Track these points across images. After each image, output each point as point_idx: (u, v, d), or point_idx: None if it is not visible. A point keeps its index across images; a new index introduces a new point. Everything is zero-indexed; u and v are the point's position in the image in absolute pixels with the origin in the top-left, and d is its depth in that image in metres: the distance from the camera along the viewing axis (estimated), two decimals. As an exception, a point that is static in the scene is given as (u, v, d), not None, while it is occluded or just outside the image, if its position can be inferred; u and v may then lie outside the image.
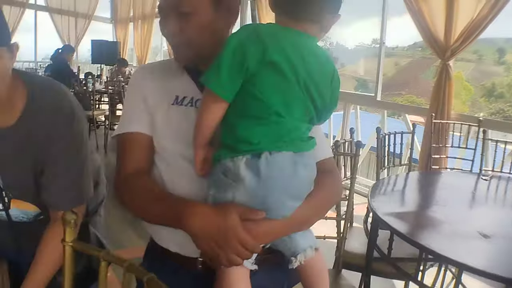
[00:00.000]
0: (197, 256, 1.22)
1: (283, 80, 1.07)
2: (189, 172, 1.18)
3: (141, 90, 1.27)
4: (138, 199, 1.20)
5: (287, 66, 1.06)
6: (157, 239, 1.31)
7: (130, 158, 1.25)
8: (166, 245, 1.28)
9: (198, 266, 1.24)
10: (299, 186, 1.11)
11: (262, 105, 1.06)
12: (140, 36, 11.11)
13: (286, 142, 1.07)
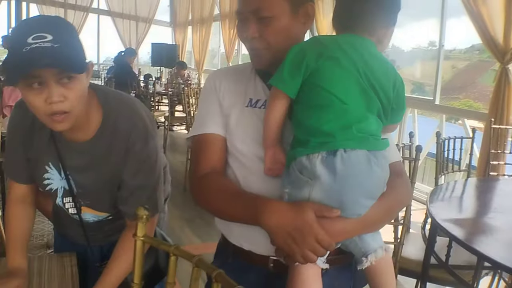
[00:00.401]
0: (270, 254, 1.25)
1: (343, 72, 1.12)
2: (263, 172, 1.21)
3: (216, 93, 1.32)
4: (215, 198, 1.24)
5: (347, 60, 1.12)
6: (230, 237, 1.34)
7: (206, 158, 1.29)
8: (238, 243, 1.32)
9: (269, 264, 1.26)
10: (374, 185, 1.13)
11: (324, 92, 1.11)
12: (198, 39, 11.30)
13: (360, 137, 1.10)
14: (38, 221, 4.19)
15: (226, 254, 1.37)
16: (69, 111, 1.22)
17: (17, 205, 1.53)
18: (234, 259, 1.34)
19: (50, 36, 1.14)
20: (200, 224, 4.36)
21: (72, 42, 1.20)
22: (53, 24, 1.20)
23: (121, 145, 1.37)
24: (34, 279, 1.47)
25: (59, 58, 1.14)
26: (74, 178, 1.45)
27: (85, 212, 1.52)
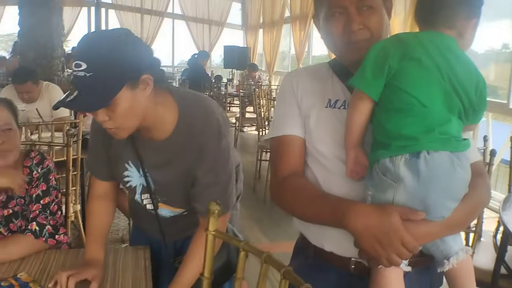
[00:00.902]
0: (351, 256, 1.23)
1: (426, 73, 1.08)
2: (344, 173, 1.19)
3: (294, 94, 1.31)
4: (297, 200, 1.24)
5: (429, 61, 1.08)
6: (310, 238, 1.33)
7: (286, 160, 1.29)
8: (319, 244, 1.30)
9: (351, 266, 1.24)
10: (457, 186, 1.10)
11: (406, 96, 1.07)
12: (269, 41, 11.37)
13: (442, 139, 1.06)
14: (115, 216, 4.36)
15: (306, 254, 1.35)
16: (115, 127, 1.29)
17: (98, 201, 1.60)
18: (315, 259, 1.32)
19: (85, 65, 1.18)
20: (268, 224, 4.38)
21: (107, 67, 1.20)
22: (92, 48, 1.22)
23: (195, 143, 1.39)
24: (109, 270, 1.53)
25: (84, 94, 1.19)
26: (151, 176, 1.49)
27: (162, 208, 1.56)
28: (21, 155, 1.73)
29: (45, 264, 1.56)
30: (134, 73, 1.24)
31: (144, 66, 1.26)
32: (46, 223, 1.66)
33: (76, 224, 3.31)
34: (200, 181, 1.43)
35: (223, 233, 1.15)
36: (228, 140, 1.43)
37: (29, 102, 3.98)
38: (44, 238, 1.64)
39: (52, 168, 1.77)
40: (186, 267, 1.42)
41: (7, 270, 1.51)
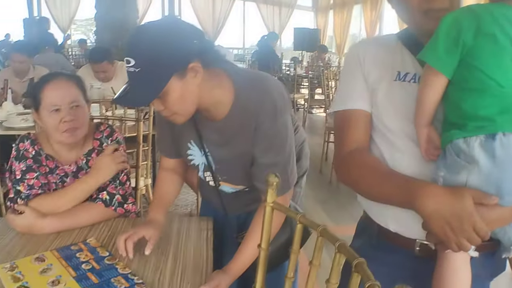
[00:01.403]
0: (417, 238, 1.19)
1: (501, 51, 1.00)
2: (412, 151, 1.15)
3: (360, 66, 1.24)
4: (363, 177, 1.20)
5: (504, 37, 1.00)
6: (374, 217, 1.30)
7: (351, 135, 1.25)
8: (384, 223, 1.27)
9: (416, 248, 1.20)
10: None
11: (482, 75, 1.00)
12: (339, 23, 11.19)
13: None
14: (183, 191, 4.49)
15: (369, 233, 1.32)
16: (171, 114, 1.33)
17: (166, 172, 1.66)
18: (378, 239, 1.29)
19: (133, 61, 1.21)
20: (333, 206, 4.35)
21: (153, 61, 1.21)
22: (138, 44, 1.24)
23: (250, 123, 1.39)
24: (173, 237, 1.59)
25: (134, 90, 1.24)
26: (212, 155, 1.52)
27: (223, 185, 1.59)
28: (92, 128, 1.81)
29: (113, 231, 1.64)
30: (181, 63, 1.25)
31: (192, 53, 1.26)
32: (115, 193, 1.73)
33: (147, 197, 3.45)
34: (259, 160, 1.43)
35: (280, 205, 1.15)
36: (286, 119, 1.41)
37: (105, 81, 4.14)
38: (114, 207, 1.72)
39: (121, 140, 1.84)
40: (246, 245, 1.44)
41: (78, 236, 1.60)
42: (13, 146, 1.74)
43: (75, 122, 1.67)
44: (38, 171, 1.69)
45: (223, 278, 1.36)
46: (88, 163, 1.78)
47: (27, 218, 1.59)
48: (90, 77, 4.08)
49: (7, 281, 1.30)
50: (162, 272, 1.37)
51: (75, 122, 1.67)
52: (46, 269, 1.36)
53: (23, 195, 1.64)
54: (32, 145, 1.73)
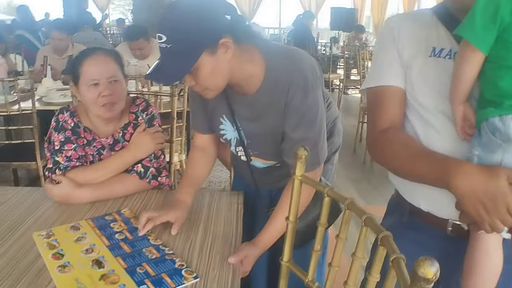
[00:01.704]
0: (449, 218, 1.18)
1: None
2: (447, 128, 1.13)
3: (395, 41, 1.22)
4: (396, 155, 1.18)
5: None
6: (406, 195, 1.29)
7: (385, 112, 1.23)
8: (416, 202, 1.25)
9: (448, 228, 1.18)
10: None
11: None
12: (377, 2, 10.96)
13: None
14: (217, 169, 4.54)
15: (400, 212, 1.31)
16: (203, 89, 1.34)
17: (197, 151, 1.67)
18: (410, 218, 1.28)
19: (165, 37, 1.21)
20: (366, 187, 4.32)
21: (184, 37, 1.22)
22: (169, 20, 1.24)
23: (281, 99, 1.39)
24: (204, 210, 1.61)
25: (166, 65, 1.25)
26: (244, 130, 1.52)
27: (255, 160, 1.60)
28: (128, 102, 1.84)
29: (146, 202, 1.68)
30: (211, 39, 1.25)
31: (223, 29, 1.26)
32: (150, 166, 1.77)
33: (181, 172, 3.50)
34: (289, 136, 1.43)
35: (309, 178, 1.15)
36: (317, 94, 1.40)
37: (141, 59, 4.20)
38: (148, 179, 1.75)
39: (156, 114, 1.87)
40: (275, 218, 1.45)
41: (112, 206, 1.64)
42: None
43: (113, 97, 1.70)
44: (76, 143, 1.74)
45: (252, 249, 1.38)
46: (125, 136, 1.81)
47: (64, 188, 1.64)
48: (127, 55, 4.14)
49: (42, 248, 1.35)
50: (192, 243, 1.39)
51: (113, 97, 1.69)
52: (81, 238, 1.41)
53: (61, 166, 1.69)
54: (71, 117, 1.77)
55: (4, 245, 1.36)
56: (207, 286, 1.18)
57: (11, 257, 1.30)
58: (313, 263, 1.17)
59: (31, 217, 1.55)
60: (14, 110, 3.30)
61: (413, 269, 0.68)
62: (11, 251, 1.33)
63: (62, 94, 3.50)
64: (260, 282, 1.79)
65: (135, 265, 1.26)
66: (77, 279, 1.19)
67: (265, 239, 1.43)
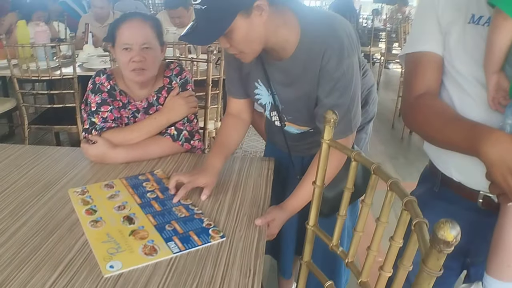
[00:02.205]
0: (481, 189, 1.16)
1: None
2: (483, 97, 1.10)
3: (434, 7, 1.19)
4: (429, 121, 1.16)
5: None
6: (439, 165, 1.28)
7: (421, 78, 1.21)
8: (448, 172, 1.24)
9: (478, 200, 1.17)
10: None
11: None
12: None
13: None
14: (253, 138, 4.57)
15: (433, 181, 1.30)
16: (238, 52, 1.34)
17: (231, 117, 1.68)
18: (441, 188, 1.27)
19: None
20: (402, 162, 4.27)
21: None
22: None
23: (315, 64, 1.37)
24: (234, 174, 1.63)
25: (200, 27, 1.26)
26: (278, 94, 1.52)
27: (288, 126, 1.60)
28: (162, 67, 1.86)
29: (179, 164, 1.71)
30: (246, 1, 1.23)
31: None
32: (183, 129, 1.79)
33: (216, 140, 3.53)
34: (322, 102, 1.41)
35: (337, 143, 1.15)
36: (352, 60, 1.37)
37: (180, 27, 4.21)
38: (181, 142, 1.78)
39: (190, 79, 1.88)
40: (303, 182, 1.45)
41: (145, 167, 1.68)
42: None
43: (143, 63, 1.71)
44: (112, 105, 1.78)
45: (279, 213, 1.39)
46: (159, 100, 1.84)
47: (100, 147, 1.68)
48: (166, 23, 4.16)
49: (77, 203, 1.39)
50: (221, 204, 1.42)
51: (143, 63, 1.71)
52: (114, 195, 1.45)
53: (97, 127, 1.73)
54: (108, 79, 1.80)
55: (40, 200, 1.42)
56: (233, 245, 1.20)
57: (46, 211, 1.35)
58: (338, 227, 1.17)
59: (67, 175, 1.60)
60: (56, 75, 3.40)
61: (433, 231, 0.67)
62: (47, 206, 1.39)
63: (102, 60, 3.56)
64: (288, 247, 1.81)
65: (164, 223, 1.29)
66: (108, 233, 1.23)
67: (292, 203, 1.44)
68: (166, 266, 1.10)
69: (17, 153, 1.80)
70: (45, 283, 1.03)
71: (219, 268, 1.10)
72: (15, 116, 4.61)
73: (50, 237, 1.22)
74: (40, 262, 1.11)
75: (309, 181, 1.36)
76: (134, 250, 1.16)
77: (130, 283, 1.04)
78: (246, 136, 4.78)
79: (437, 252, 0.68)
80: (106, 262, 1.11)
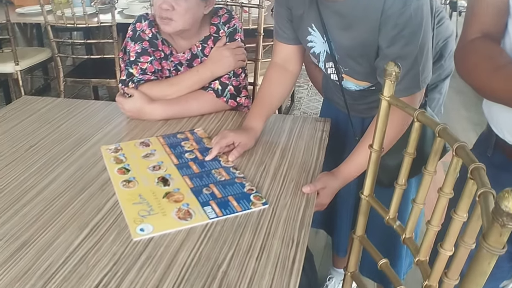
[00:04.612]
0: None
1: None
2: None
3: None
4: (476, 66, 1.13)
5: None
6: (493, 125, 1.26)
7: (479, 18, 1.18)
8: (501, 134, 1.23)
9: None
10: None
11: None
12: None
13: None
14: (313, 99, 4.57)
15: (486, 145, 1.29)
16: None
17: (276, 68, 1.69)
18: (494, 152, 1.26)
19: None
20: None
21: None
22: None
23: (376, 6, 1.34)
24: (284, 135, 1.65)
25: None
26: (334, 41, 1.50)
27: (346, 80, 1.59)
28: (210, 13, 1.87)
29: (222, 123, 1.75)
30: None
31: None
32: (228, 83, 1.82)
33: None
34: (384, 52, 1.39)
35: (399, 100, 1.13)
36: (421, 3, 1.33)
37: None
38: (225, 98, 1.81)
39: (239, 28, 1.89)
40: (360, 146, 1.45)
41: (185, 125, 1.73)
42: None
43: (170, 12, 1.72)
44: (153, 55, 1.82)
45: (331, 180, 1.40)
46: (204, 51, 1.86)
47: (136, 102, 1.74)
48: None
49: (109, 161, 1.46)
50: (266, 168, 1.44)
51: (170, 12, 1.72)
52: (149, 154, 1.51)
53: (135, 79, 1.78)
54: (150, 26, 1.84)
55: (71, 157, 1.50)
56: (276, 213, 1.23)
57: (77, 169, 1.43)
58: (396, 198, 1.17)
59: (101, 130, 1.67)
60: (93, 22, 3.48)
61: (495, 202, 0.67)
62: (78, 162, 1.46)
63: (144, 6, 3.62)
64: (343, 221, 1.83)
65: (201, 186, 1.33)
66: (141, 195, 1.29)
67: (346, 170, 1.45)
68: (201, 232, 1.15)
69: (48, 106, 1.89)
70: (70, 244, 1.10)
71: (258, 237, 1.13)
72: (51, 68, 4.79)
73: (78, 196, 1.29)
74: (67, 222, 1.18)
75: (366, 144, 1.36)
76: (167, 213, 1.21)
77: (160, 248, 1.09)
78: (306, 95, 4.77)
79: (500, 227, 0.67)
80: (137, 224, 1.17)
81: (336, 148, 1.73)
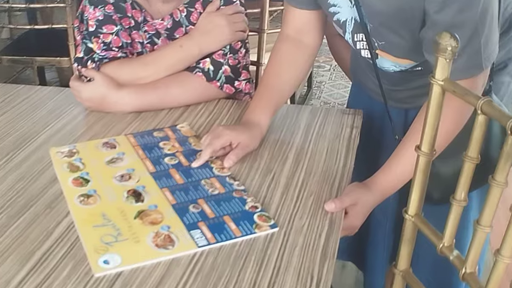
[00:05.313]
0: None
1: None
2: None
3: None
4: None
5: None
6: None
7: None
8: None
9: None
10: None
11: None
12: None
13: None
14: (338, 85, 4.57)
15: None
16: None
17: (287, 41, 1.69)
18: None
19: None
20: None
21: None
22: None
23: None
24: (299, 133, 1.66)
25: None
26: (364, 6, 1.49)
27: (382, 58, 1.58)
28: None
29: (215, 116, 1.75)
30: None
31: None
32: (223, 62, 1.81)
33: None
34: (432, 18, 1.38)
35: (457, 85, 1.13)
36: None
37: None
38: (219, 82, 1.81)
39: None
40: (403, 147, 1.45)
41: (165, 119, 1.74)
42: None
43: None
44: (119, 24, 1.81)
45: (364, 194, 1.40)
46: (190, 17, 1.86)
47: (98, 87, 1.74)
48: None
49: (61, 169, 1.46)
50: (275, 178, 1.45)
51: None
52: (116, 159, 1.51)
53: (95, 56, 1.78)
54: None
55: (9, 163, 1.50)
56: (289, 240, 1.23)
57: (17, 179, 1.43)
58: (452, 219, 1.17)
59: (49, 127, 1.68)
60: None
61: None
62: (19, 171, 1.46)
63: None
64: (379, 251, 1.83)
65: (187, 202, 1.34)
66: (104, 214, 1.29)
67: (385, 180, 1.44)
68: (187, 266, 1.15)
69: (-23, 93, 1.89)
70: (7, 283, 1.09)
71: (265, 272, 1.13)
72: (-19, 42, 4.79)
73: (19, 217, 1.28)
74: (3, 252, 1.17)
75: (411, 145, 1.36)
76: (141, 240, 1.21)
77: (131, 287, 1.09)
78: (328, 79, 4.78)
79: None
80: (99, 255, 1.17)
81: (370, 150, 1.74)
